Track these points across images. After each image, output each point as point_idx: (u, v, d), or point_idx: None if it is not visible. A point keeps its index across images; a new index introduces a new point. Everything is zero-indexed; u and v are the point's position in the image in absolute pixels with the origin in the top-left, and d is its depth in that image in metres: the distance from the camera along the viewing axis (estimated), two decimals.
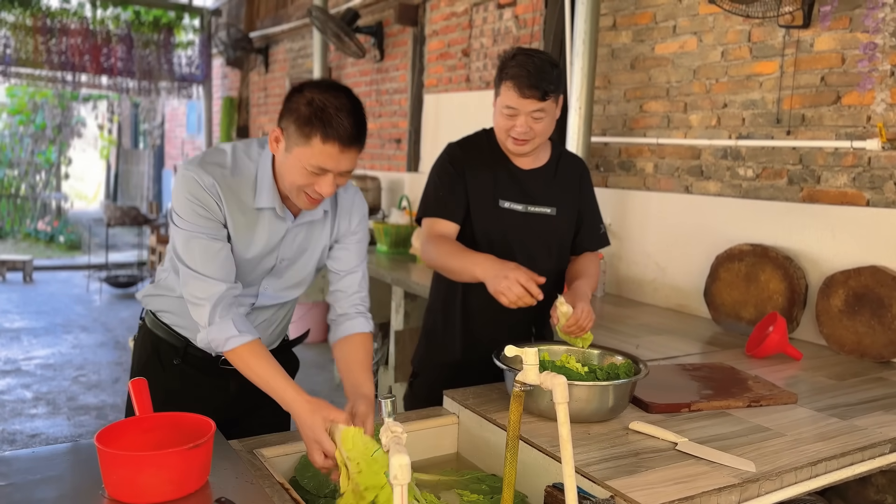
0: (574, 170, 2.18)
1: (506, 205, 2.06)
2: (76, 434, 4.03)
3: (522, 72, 1.90)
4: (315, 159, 1.51)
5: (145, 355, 1.84)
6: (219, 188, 1.58)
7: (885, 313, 2.43)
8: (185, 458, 1.26)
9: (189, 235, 1.58)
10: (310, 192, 1.57)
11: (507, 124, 1.98)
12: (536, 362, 1.23)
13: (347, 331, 1.76)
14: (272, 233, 1.67)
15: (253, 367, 1.56)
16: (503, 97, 1.95)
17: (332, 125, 1.48)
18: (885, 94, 2.41)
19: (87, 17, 8.46)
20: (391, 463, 1.04)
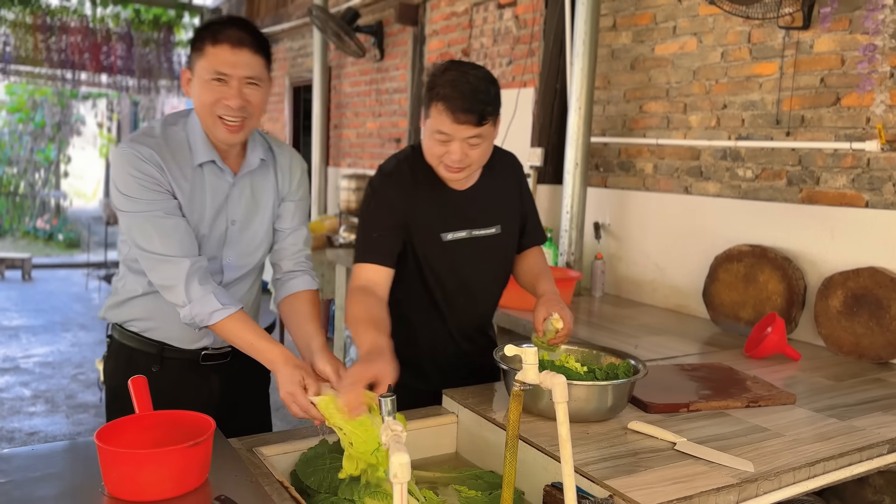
0: (510, 171, 1.99)
1: (449, 237, 1.86)
2: (75, 432, 4.03)
3: (455, 93, 1.66)
4: (211, 64, 1.57)
5: (119, 372, 1.79)
6: (157, 156, 1.60)
7: (883, 314, 2.44)
8: (186, 456, 1.26)
9: (142, 218, 1.59)
10: (222, 114, 1.60)
11: (439, 151, 1.74)
12: (536, 362, 1.24)
13: (293, 289, 1.78)
14: (216, 191, 1.69)
15: (239, 335, 1.58)
16: (434, 121, 1.70)
17: (219, 30, 1.58)
18: (885, 96, 2.42)
19: (86, 15, 8.47)
20: (391, 461, 1.04)
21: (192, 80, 1.63)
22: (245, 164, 1.74)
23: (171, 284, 1.58)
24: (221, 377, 1.84)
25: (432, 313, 1.95)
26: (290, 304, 1.78)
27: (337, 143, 6.77)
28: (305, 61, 7.24)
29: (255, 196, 1.76)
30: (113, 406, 1.83)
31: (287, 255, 1.82)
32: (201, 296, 1.56)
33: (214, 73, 1.57)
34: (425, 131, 1.78)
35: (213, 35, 1.57)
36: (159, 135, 1.65)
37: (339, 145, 6.72)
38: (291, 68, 7.63)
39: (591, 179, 3.67)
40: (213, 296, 1.57)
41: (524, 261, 2.07)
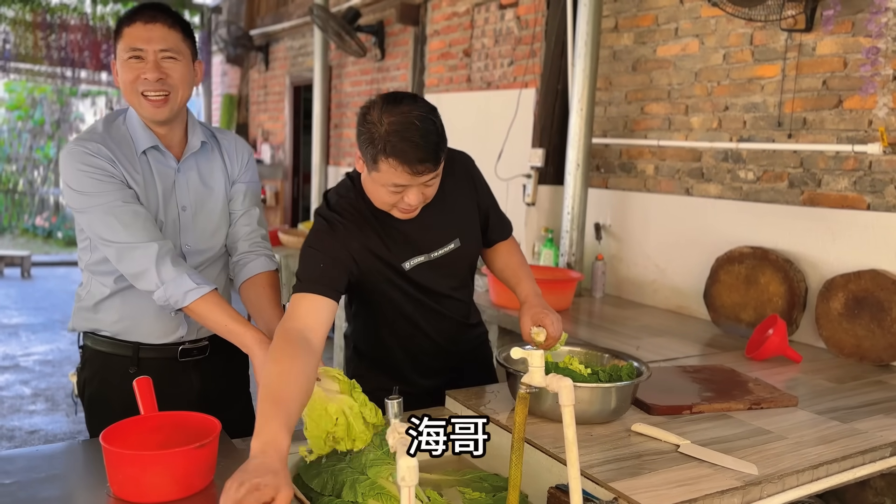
0: (459, 174, 1.85)
1: (409, 265, 1.76)
2: (75, 431, 4.03)
3: (407, 144, 1.52)
4: (126, 44, 1.62)
5: (96, 378, 1.79)
6: (105, 149, 1.63)
7: (884, 317, 2.44)
8: (192, 458, 1.26)
9: (101, 211, 1.60)
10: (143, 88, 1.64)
11: (392, 199, 1.62)
12: (542, 364, 1.24)
13: (251, 272, 1.79)
14: (163, 178, 1.72)
15: (213, 316, 1.60)
16: (386, 174, 1.56)
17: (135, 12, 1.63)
18: (888, 99, 2.42)
19: (86, 13, 8.46)
20: (398, 465, 1.05)
21: (117, 70, 1.67)
22: (188, 148, 1.77)
23: (142, 270, 1.59)
24: (201, 374, 1.85)
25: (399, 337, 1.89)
26: (248, 288, 1.79)
27: (337, 143, 6.76)
28: (306, 60, 7.23)
29: (205, 181, 1.79)
30: (93, 414, 1.82)
31: (241, 237, 1.84)
32: (174, 276, 1.58)
33: (130, 50, 1.62)
34: (371, 181, 1.63)
35: (129, 17, 1.63)
36: (102, 130, 1.68)
37: (340, 144, 6.72)
38: (292, 67, 7.62)
39: (592, 180, 3.68)
40: (186, 276, 1.59)
41: (498, 256, 2.00)
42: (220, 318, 1.59)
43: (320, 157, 6.67)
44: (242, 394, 1.98)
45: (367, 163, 1.60)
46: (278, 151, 8.07)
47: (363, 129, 1.58)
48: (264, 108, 8.47)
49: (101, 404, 1.78)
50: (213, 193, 1.80)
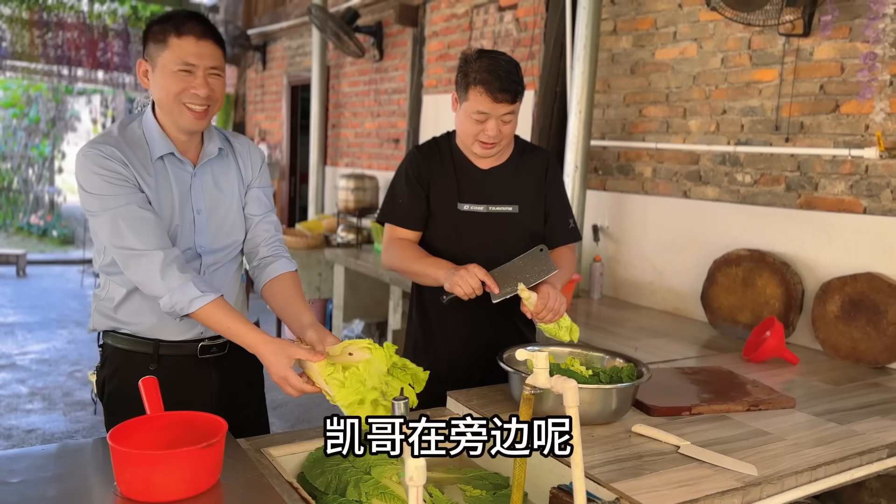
0: (538, 164, 2.12)
1: (465, 207, 2.04)
2: (73, 430, 4.03)
3: (492, 76, 1.88)
4: (177, 55, 1.61)
5: (116, 376, 1.80)
6: (118, 152, 1.64)
7: (880, 319, 2.46)
8: (199, 457, 1.27)
9: (112, 215, 1.61)
10: (188, 101, 1.65)
11: (475, 129, 1.95)
12: (547, 366, 1.25)
13: (272, 273, 1.82)
14: (179, 182, 1.74)
15: (216, 320, 1.62)
16: (473, 102, 1.92)
17: (183, 23, 1.63)
18: (885, 104, 2.45)
19: (83, 11, 8.45)
20: (406, 465, 1.06)
21: (151, 71, 1.67)
22: (204, 154, 1.78)
23: (147, 277, 1.61)
24: (221, 372, 1.85)
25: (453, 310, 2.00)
26: (272, 288, 1.82)
27: (335, 143, 6.77)
28: (303, 60, 7.24)
29: (219, 185, 1.80)
30: (113, 412, 1.82)
31: (261, 242, 1.86)
32: (180, 284, 1.59)
33: (181, 63, 1.62)
34: (460, 114, 1.98)
35: (177, 28, 1.62)
36: (117, 134, 1.69)
37: (338, 145, 6.73)
38: (289, 67, 7.62)
39: (591, 182, 3.70)
40: (191, 283, 1.60)
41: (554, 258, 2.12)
42: (223, 321, 1.61)
43: (318, 157, 6.68)
44: (258, 393, 1.99)
45: (460, 94, 1.97)
46: (275, 151, 8.07)
47: (461, 69, 1.95)
48: (261, 107, 8.47)
49: (120, 402, 1.79)
50: (227, 197, 1.82)
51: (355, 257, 4.50)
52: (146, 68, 1.68)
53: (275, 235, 1.89)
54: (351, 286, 4.72)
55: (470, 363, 2.08)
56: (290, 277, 1.83)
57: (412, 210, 2.05)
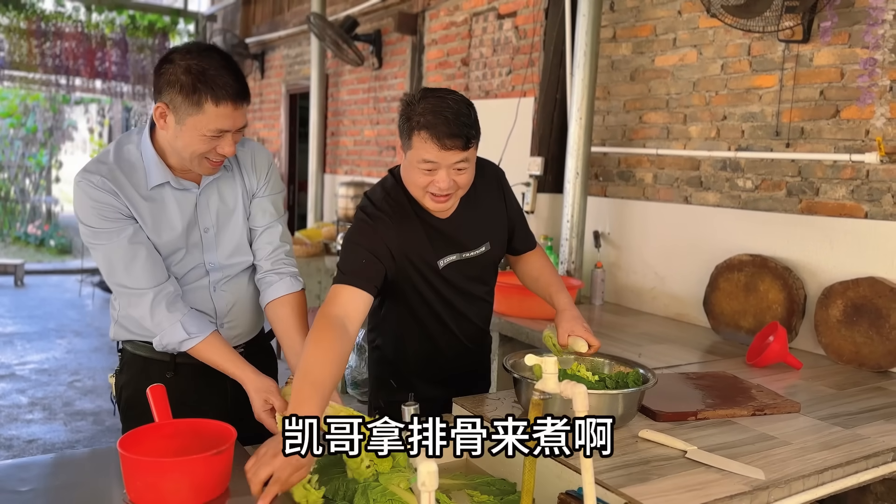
0: (491, 184, 1.96)
1: (443, 263, 1.86)
2: (73, 440, 4.02)
3: (438, 119, 1.64)
4: (213, 123, 1.55)
5: (133, 382, 1.80)
6: (109, 182, 1.61)
7: (882, 324, 2.47)
8: (209, 465, 1.27)
9: (104, 250, 1.61)
10: (211, 157, 1.62)
11: (423, 181, 1.71)
12: (556, 371, 1.26)
13: (275, 294, 1.79)
14: (183, 206, 1.70)
15: (208, 359, 1.66)
16: (418, 151, 1.68)
17: (220, 85, 1.53)
18: (885, 109, 2.46)
19: (81, 20, 8.46)
20: (419, 470, 1.06)
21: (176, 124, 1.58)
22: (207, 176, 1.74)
23: (139, 315, 1.64)
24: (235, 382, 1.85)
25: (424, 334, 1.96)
26: (274, 310, 1.80)
27: (334, 151, 6.78)
28: (302, 69, 7.25)
29: (225, 200, 1.77)
30: (130, 417, 1.83)
31: (264, 255, 1.83)
32: (169, 326, 1.62)
33: (216, 130, 1.57)
34: (406, 163, 1.75)
35: (213, 90, 1.53)
36: (112, 160, 1.65)
37: (337, 153, 6.74)
38: (288, 75, 7.64)
39: (591, 189, 3.71)
40: (179, 325, 1.62)
41: (529, 265, 2.10)
42: (215, 361, 1.66)
43: (317, 166, 6.68)
44: None
45: (404, 143, 1.73)
46: (274, 159, 8.06)
47: (403, 112, 1.71)
48: (260, 115, 8.48)
49: (137, 408, 1.78)
50: (233, 212, 1.79)
51: None
52: (163, 111, 1.57)
53: (279, 248, 1.83)
54: None
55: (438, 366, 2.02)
56: (292, 301, 1.79)
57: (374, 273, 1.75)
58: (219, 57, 1.58)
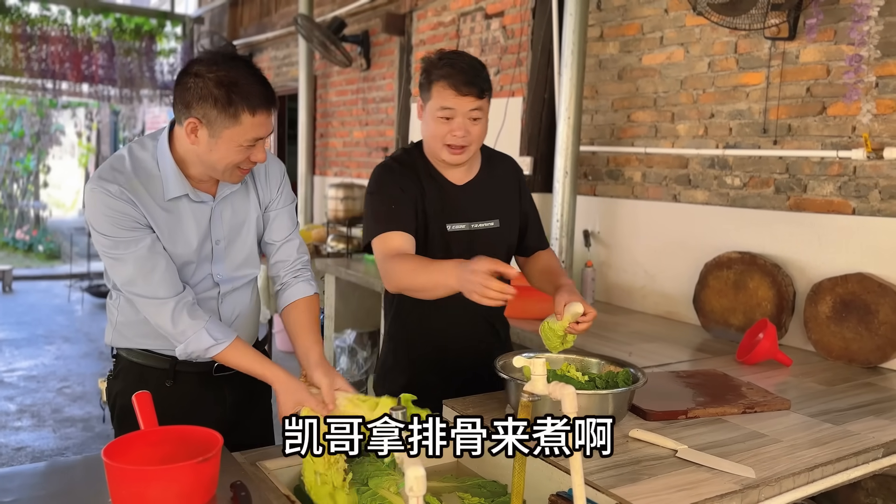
0: (509, 174, 2.08)
1: (451, 228, 1.95)
2: (63, 447, 3.99)
3: (455, 70, 1.81)
4: (249, 133, 1.55)
5: (130, 390, 1.73)
6: (127, 192, 1.58)
7: (871, 319, 2.48)
8: (195, 472, 1.26)
9: (122, 259, 1.58)
10: (244, 166, 1.61)
11: (441, 130, 1.85)
12: (545, 372, 1.25)
13: (290, 298, 1.80)
14: (198, 218, 1.69)
15: (236, 363, 1.65)
16: (436, 99, 1.83)
17: (254, 94, 1.53)
18: (871, 105, 2.47)
19: (67, 24, 8.40)
20: (406, 475, 1.05)
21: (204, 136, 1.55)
22: (224, 188, 1.72)
23: (160, 324, 1.61)
24: (233, 389, 1.84)
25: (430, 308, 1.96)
26: (288, 314, 1.80)
27: (323, 152, 6.76)
28: (290, 70, 7.23)
29: (237, 213, 1.76)
30: (125, 425, 1.80)
31: (283, 267, 1.83)
32: (193, 333, 1.59)
33: (251, 140, 1.56)
34: (426, 117, 1.89)
35: (248, 101, 1.52)
36: (129, 168, 1.61)
37: (326, 154, 6.72)
38: (276, 77, 7.61)
39: (581, 188, 3.70)
40: (205, 332, 1.59)
41: (538, 262, 2.13)
42: (242, 364, 1.65)
43: (306, 167, 6.66)
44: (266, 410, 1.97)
45: (424, 97, 1.88)
46: None
47: (424, 70, 1.87)
48: None
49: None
50: (245, 225, 1.77)
51: (346, 267, 4.48)
52: (195, 126, 1.54)
53: (297, 258, 1.84)
54: (342, 296, 4.70)
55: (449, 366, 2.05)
56: (306, 304, 1.80)
57: (406, 214, 1.88)
58: (244, 65, 1.57)
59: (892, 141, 2.54)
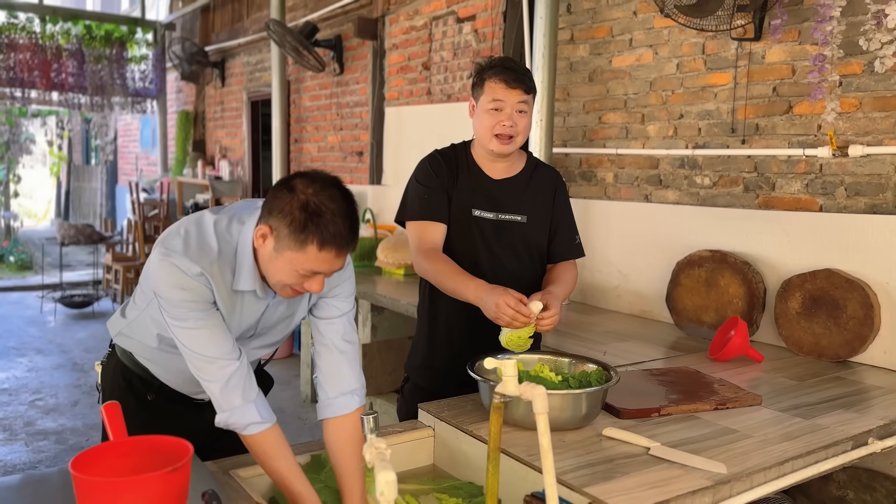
0: (548, 181, 2.22)
1: (477, 213, 2.12)
2: (35, 460, 3.92)
3: (506, 68, 2.04)
4: (309, 265, 1.45)
5: (117, 388, 1.78)
6: (208, 277, 1.51)
7: (840, 314, 2.52)
8: (165, 483, 1.24)
9: (187, 325, 1.51)
10: (296, 287, 1.52)
11: (492, 121, 2.04)
12: (515, 373, 1.25)
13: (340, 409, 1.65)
14: (252, 311, 1.63)
15: (269, 457, 1.52)
16: (488, 93, 2.04)
17: (330, 231, 1.42)
18: (835, 104, 2.51)
19: (35, 32, 8.28)
20: (377, 479, 1.05)
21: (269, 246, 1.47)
22: None
23: (211, 383, 1.52)
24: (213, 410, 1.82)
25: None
26: (330, 430, 1.65)
27: (298, 157, 6.73)
28: (263, 75, 7.19)
29: (290, 307, 1.70)
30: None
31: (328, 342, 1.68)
32: (240, 405, 1.51)
33: (309, 272, 1.47)
34: (478, 113, 2.09)
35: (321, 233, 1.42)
36: (215, 254, 1.53)
37: (301, 159, 6.69)
38: (249, 83, 7.57)
39: None
40: (253, 406, 1.51)
41: (553, 271, 2.21)
42: (273, 464, 1.52)
43: (281, 173, 6.62)
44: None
45: (476, 95, 2.09)
46: (237, 168, 7.99)
47: (477, 74, 2.09)
48: (221, 124, 8.39)
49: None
50: (294, 315, 1.72)
51: None
52: (265, 233, 1.47)
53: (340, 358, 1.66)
54: None
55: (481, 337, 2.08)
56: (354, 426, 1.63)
57: (440, 204, 2.11)
58: (341, 198, 1.45)
59: (856, 139, 2.58)
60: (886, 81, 2.49)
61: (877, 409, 2.02)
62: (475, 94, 2.10)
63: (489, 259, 2.13)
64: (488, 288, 1.89)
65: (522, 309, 1.81)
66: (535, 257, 2.20)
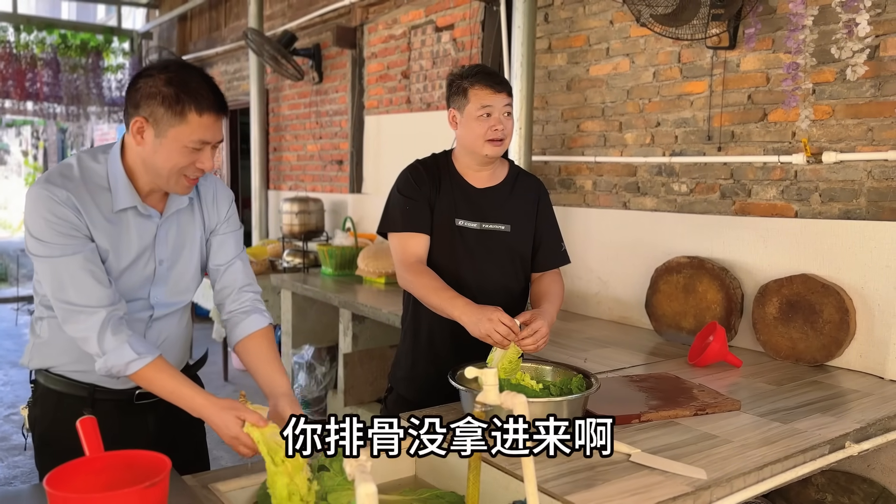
0: (531, 189, 2.23)
1: (461, 223, 2.12)
2: (11, 476, 3.85)
3: (487, 73, 2.07)
4: (196, 134, 1.54)
5: (47, 418, 1.73)
6: (74, 199, 1.55)
7: (816, 319, 2.55)
8: (142, 498, 1.22)
9: (54, 264, 1.53)
10: (189, 174, 1.59)
11: (483, 127, 2.04)
12: (496, 382, 1.25)
13: (245, 331, 1.77)
14: (142, 233, 1.66)
15: (158, 383, 1.56)
16: (475, 101, 2.04)
17: (203, 94, 1.53)
18: (809, 111, 2.55)
19: (10, 41, 8.19)
20: (357, 492, 1.04)
21: (150, 136, 1.55)
22: (172, 204, 1.70)
23: (85, 336, 1.54)
24: (157, 416, 1.79)
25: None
26: (245, 346, 1.76)
27: (277, 166, 6.70)
28: (241, 84, 7.16)
29: (183, 235, 1.73)
30: (44, 453, 1.75)
31: (228, 294, 1.79)
32: (115, 346, 1.53)
33: (198, 142, 1.55)
34: (465, 121, 2.07)
35: (196, 100, 1.52)
36: (77, 176, 1.58)
37: (280, 168, 6.66)
38: (227, 91, 7.53)
39: None
40: (127, 345, 1.54)
41: (541, 284, 2.21)
42: (165, 384, 1.56)
43: (260, 182, 6.59)
44: (199, 432, 1.93)
45: (459, 104, 2.08)
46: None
47: (453, 84, 2.09)
48: None
49: (53, 444, 1.70)
50: (187, 245, 1.74)
51: (302, 282, 4.45)
52: (141, 125, 1.54)
53: (244, 286, 1.80)
54: (299, 311, 4.65)
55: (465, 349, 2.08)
56: (263, 336, 1.77)
57: (423, 215, 2.10)
58: (196, 72, 1.58)
59: (830, 145, 2.62)
60: (858, 89, 2.53)
61: (853, 412, 2.04)
62: (457, 103, 2.09)
63: (472, 269, 2.12)
64: (477, 307, 1.88)
65: (514, 327, 1.82)
66: (519, 267, 2.20)
